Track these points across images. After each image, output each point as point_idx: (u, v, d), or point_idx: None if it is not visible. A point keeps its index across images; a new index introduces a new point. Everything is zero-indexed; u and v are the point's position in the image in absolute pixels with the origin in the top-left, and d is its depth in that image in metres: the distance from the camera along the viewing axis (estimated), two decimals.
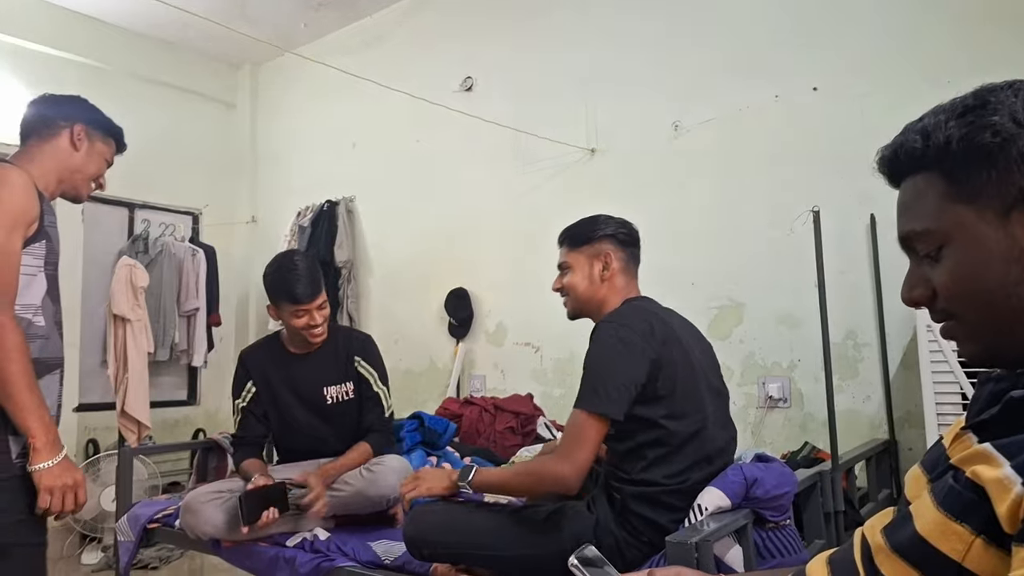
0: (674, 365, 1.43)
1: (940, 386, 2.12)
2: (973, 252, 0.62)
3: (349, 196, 4.22)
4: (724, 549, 1.31)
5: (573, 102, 3.37)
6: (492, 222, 3.64)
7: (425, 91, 3.47)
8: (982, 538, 0.54)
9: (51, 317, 1.43)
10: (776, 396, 2.71)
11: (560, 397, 3.32)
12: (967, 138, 0.60)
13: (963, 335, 0.67)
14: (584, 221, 1.64)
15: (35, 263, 1.40)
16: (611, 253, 1.58)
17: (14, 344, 1.26)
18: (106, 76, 4.16)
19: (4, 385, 1.25)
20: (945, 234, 0.63)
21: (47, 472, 1.28)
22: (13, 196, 1.34)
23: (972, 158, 0.60)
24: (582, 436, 1.38)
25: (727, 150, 2.91)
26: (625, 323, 1.45)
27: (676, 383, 1.42)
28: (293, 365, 2.20)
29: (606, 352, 1.42)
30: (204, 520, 1.96)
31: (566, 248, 1.65)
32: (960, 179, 0.61)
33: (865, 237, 2.59)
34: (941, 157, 0.62)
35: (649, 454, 1.41)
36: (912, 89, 2.49)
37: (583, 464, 1.38)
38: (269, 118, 4.85)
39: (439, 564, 1.60)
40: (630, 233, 1.63)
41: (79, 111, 1.60)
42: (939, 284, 0.66)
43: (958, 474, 0.59)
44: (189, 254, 4.18)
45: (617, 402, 1.37)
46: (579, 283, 1.60)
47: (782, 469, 1.45)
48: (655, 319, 1.48)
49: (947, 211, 0.63)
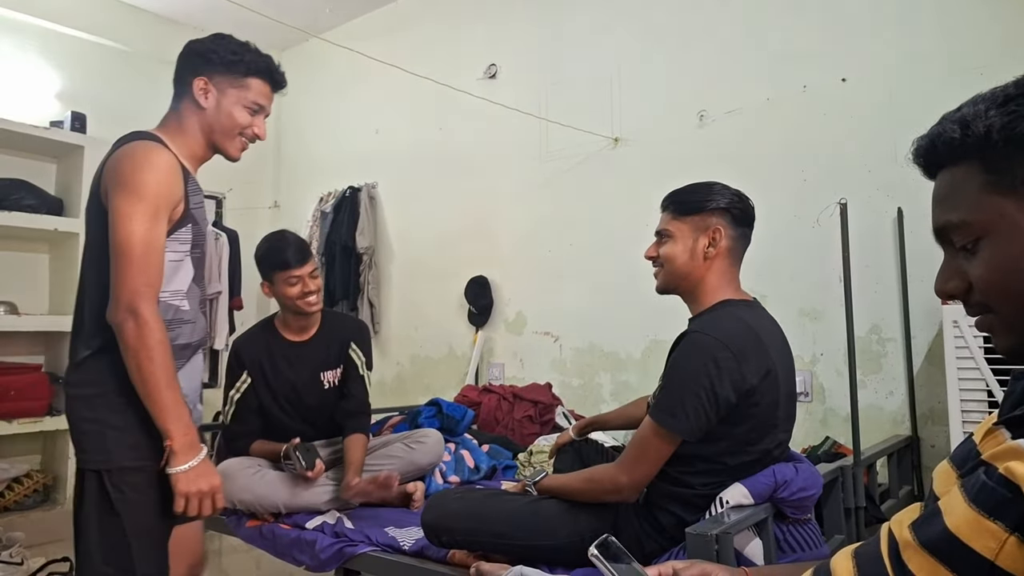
0: (761, 395, 1.33)
1: (965, 383, 2.09)
2: (1013, 244, 0.61)
3: (371, 183, 4.23)
4: (744, 542, 1.30)
5: (597, 91, 3.34)
6: (514, 211, 3.64)
7: (449, 78, 3.46)
8: (1016, 536, 0.53)
9: (196, 300, 1.40)
10: (798, 390, 2.66)
11: (579, 387, 3.32)
12: (1008, 127, 0.59)
13: (1000, 328, 0.65)
14: (696, 187, 1.48)
15: (181, 248, 1.35)
16: (721, 229, 1.42)
17: (156, 341, 1.22)
18: (131, 59, 4.20)
19: (143, 384, 1.23)
20: (983, 226, 0.62)
21: (183, 476, 1.24)
22: (156, 179, 1.26)
23: (1013, 148, 0.59)
24: (648, 450, 1.33)
25: (753, 141, 2.87)
26: (726, 343, 1.30)
27: (756, 415, 1.34)
28: (291, 352, 2.22)
29: (698, 368, 1.29)
30: (241, 487, 2.02)
31: (670, 214, 1.48)
32: (1001, 169, 0.60)
33: (892, 231, 2.54)
34: (981, 147, 0.61)
35: (699, 465, 1.36)
36: (942, 81, 2.43)
37: (642, 478, 1.35)
38: (293, 103, 4.87)
39: (456, 550, 1.62)
40: (745, 210, 1.46)
41: (201, 59, 1.39)
42: (976, 277, 0.64)
43: (990, 470, 0.58)
44: (212, 238, 4.22)
45: (695, 424, 1.29)
46: (678, 255, 1.44)
47: (811, 471, 1.41)
48: (757, 342, 1.35)
49: (986, 202, 0.61)
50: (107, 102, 4.00)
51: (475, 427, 2.89)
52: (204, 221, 1.41)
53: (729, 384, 1.29)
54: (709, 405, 1.29)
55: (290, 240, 2.16)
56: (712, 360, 1.29)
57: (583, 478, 1.46)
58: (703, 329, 1.35)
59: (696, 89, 3.04)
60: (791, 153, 2.78)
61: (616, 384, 3.21)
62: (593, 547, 0.82)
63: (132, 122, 4.19)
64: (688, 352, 1.33)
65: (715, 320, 1.38)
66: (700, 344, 1.32)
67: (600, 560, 0.81)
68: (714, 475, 1.36)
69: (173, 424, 1.23)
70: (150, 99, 1.75)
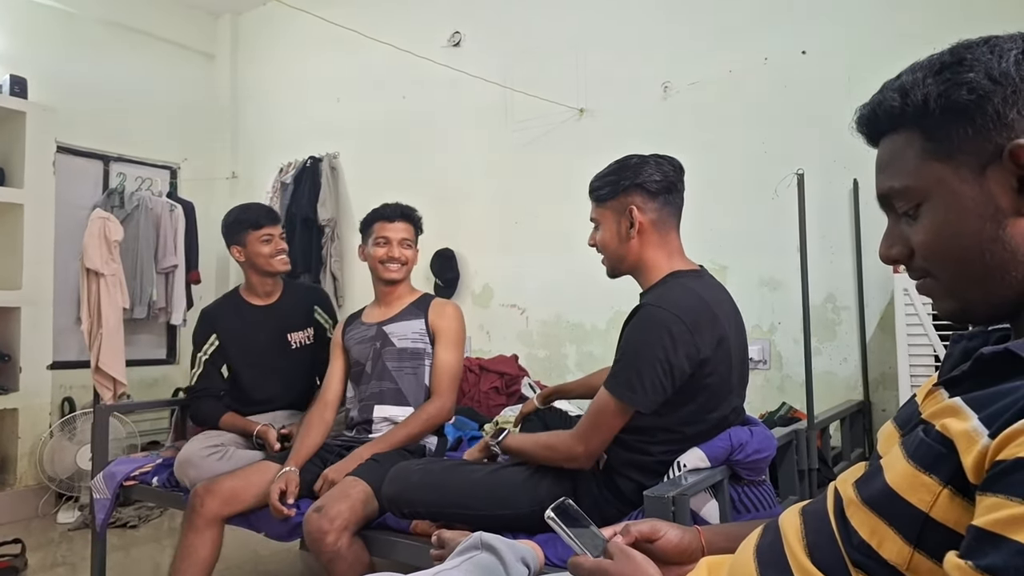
0: (715, 364, 1.35)
1: (914, 348, 2.16)
2: (950, 209, 0.62)
3: (333, 152, 4.14)
4: (700, 503, 1.34)
5: (563, 61, 3.31)
6: (479, 182, 3.61)
7: (412, 45, 3.38)
8: (949, 489, 0.55)
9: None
10: (756, 358, 2.74)
11: (545, 359, 3.34)
12: (944, 95, 0.61)
13: (939, 292, 0.67)
14: (610, 171, 1.48)
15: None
16: (635, 208, 1.42)
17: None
18: (76, 22, 4.00)
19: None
20: (923, 191, 0.64)
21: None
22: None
23: (949, 116, 0.60)
24: (603, 421, 1.35)
25: (715, 112, 2.89)
26: (679, 315, 1.31)
27: (711, 384, 1.36)
28: (258, 314, 2.30)
29: (652, 341, 1.30)
30: (208, 473, 2.00)
31: (593, 202, 1.51)
32: (938, 137, 0.62)
33: (847, 202, 2.60)
34: (919, 115, 0.63)
35: (660, 436, 1.39)
36: (897, 54, 2.46)
37: (597, 448, 1.38)
38: (250, 70, 4.72)
39: (419, 520, 1.62)
40: (663, 177, 1.44)
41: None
42: (917, 242, 0.66)
43: (928, 428, 0.60)
44: (167, 210, 4.10)
45: (650, 396, 1.31)
46: (609, 241, 1.47)
47: (766, 434, 1.45)
48: (706, 308, 1.36)
49: (925, 169, 0.63)
50: (49, 66, 3.82)
51: None
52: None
53: (684, 355, 1.31)
54: (665, 377, 1.30)
55: (258, 204, 2.39)
56: (667, 332, 1.30)
57: (542, 444, 1.48)
58: (655, 302, 1.36)
59: (660, 61, 3.03)
60: (752, 125, 2.80)
61: (581, 355, 3.24)
62: (550, 510, 0.83)
63: (75, 87, 4.06)
64: (642, 325, 1.34)
65: (666, 292, 1.39)
66: (654, 317, 1.33)
67: (556, 523, 0.82)
68: (674, 443, 1.39)
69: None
70: (94, 63, 1.68)
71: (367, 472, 1.74)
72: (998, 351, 0.58)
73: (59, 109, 3.68)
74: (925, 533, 0.56)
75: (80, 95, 3.93)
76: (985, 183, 0.60)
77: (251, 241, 2.25)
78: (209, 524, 1.80)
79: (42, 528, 3.29)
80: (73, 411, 3.70)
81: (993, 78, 0.58)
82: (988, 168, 0.60)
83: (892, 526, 0.59)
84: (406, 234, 2.09)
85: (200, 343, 2.28)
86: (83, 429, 3.38)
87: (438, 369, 1.99)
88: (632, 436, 1.39)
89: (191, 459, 2.02)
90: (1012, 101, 0.58)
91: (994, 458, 0.51)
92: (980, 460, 0.52)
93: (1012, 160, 0.58)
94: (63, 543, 3.10)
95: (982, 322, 0.67)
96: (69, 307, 3.88)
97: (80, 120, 3.92)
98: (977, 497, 0.52)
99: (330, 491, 1.68)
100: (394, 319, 2.06)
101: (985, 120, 0.59)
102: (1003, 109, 0.58)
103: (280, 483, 1.76)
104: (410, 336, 2.03)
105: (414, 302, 2.11)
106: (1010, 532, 0.47)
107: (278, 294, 2.36)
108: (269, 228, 2.26)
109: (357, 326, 2.11)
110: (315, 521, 1.58)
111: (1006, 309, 0.63)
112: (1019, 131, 0.58)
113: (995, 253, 0.60)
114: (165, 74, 4.46)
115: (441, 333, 2.02)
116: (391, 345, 2.03)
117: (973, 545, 0.50)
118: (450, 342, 2.01)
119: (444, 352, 2.00)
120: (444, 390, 1.97)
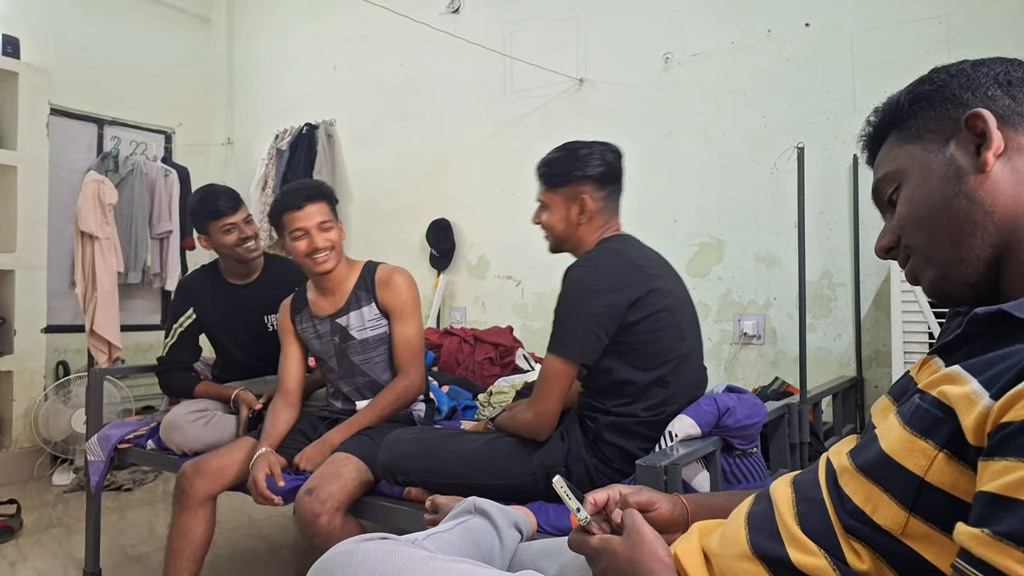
0: (649, 307, 1.41)
1: (909, 325, 2.17)
2: (920, 176, 0.70)
3: (329, 120, 4.09)
4: (692, 474, 1.35)
5: (563, 30, 3.26)
6: (477, 152, 3.57)
7: (411, 11, 3.32)
8: (945, 452, 0.56)
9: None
10: (751, 333, 2.75)
11: (540, 330, 3.34)
12: (912, 91, 0.72)
13: (920, 265, 0.71)
14: (560, 159, 1.54)
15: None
16: (588, 197, 1.50)
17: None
18: None
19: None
20: (901, 172, 0.72)
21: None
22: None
23: (916, 106, 0.71)
24: (550, 384, 1.41)
25: (717, 84, 2.86)
26: (597, 266, 1.43)
27: (653, 325, 1.41)
28: (235, 294, 2.23)
29: (576, 296, 1.41)
30: (194, 438, 2.01)
31: (542, 186, 1.57)
32: (908, 125, 0.72)
33: (847, 178, 2.58)
34: (894, 116, 0.73)
35: (628, 390, 1.42)
36: (901, 28, 2.43)
37: (548, 413, 1.43)
38: (246, 35, 4.64)
39: (412, 487, 1.64)
40: (609, 167, 1.53)
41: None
42: (897, 218, 0.72)
43: (925, 395, 0.60)
44: (161, 175, 4.06)
45: (587, 347, 1.38)
46: (556, 224, 1.56)
47: (753, 400, 1.47)
48: (629, 262, 1.45)
49: (901, 153, 0.72)
50: (43, 26, 3.74)
51: (435, 369, 2.90)
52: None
53: (607, 303, 1.38)
54: (595, 327, 1.38)
55: (220, 190, 2.18)
56: (589, 283, 1.41)
57: (509, 416, 1.56)
58: (578, 263, 1.47)
59: (662, 32, 2.99)
60: (753, 98, 2.77)
61: None
62: (558, 476, 0.83)
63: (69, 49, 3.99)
64: (565, 287, 1.44)
65: (590, 255, 1.50)
66: (576, 275, 1.44)
67: (564, 486, 0.81)
68: (646, 398, 1.42)
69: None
70: (88, 24, 1.63)
71: (358, 447, 1.71)
72: (992, 311, 0.60)
73: (53, 71, 3.61)
74: (921, 497, 0.57)
75: (74, 57, 3.86)
76: (948, 151, 0.68)
77: (213, 231, 2.13)
78: (201, 504, 1.79)
79: (38, 490, 3.31)
80: (68, 375, 3.71)
81: (951, 74, 0.70)
82: (951, 140, 0.68)
83: (887, 492, 0.59)
84: (321, 216, 1.85)
85: (176, 315, 2.22)
86: (77, 393, 3.38)
87: (398, 346, 1.90)
88: (609, 401, 1.43)
89: (176, 423, 2.02)
90: (967, 86, 0.68)
91: (997, 420, 0.51)
92: (981, 421, 0.53)
93: (967, 128, 0.66)
94: (58, 504, 3.12)
95: (963, 291, 0.68)
96: (63, 271, 3.86)
97: (74, 82, 3.86)
98: (981, 463, 0.52)
99: (320, 471, 1.64)
100: (345, 309, 1.93)
101: (944, 102, 0.69)
102: (959, 92, 0.68)
103: (263, 468, 1.72)
104: (368, 325, 1.92)
105: (358, 283, 1.94)
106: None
107: (257, 273, 2.26)
108: (230, 217, 2.11)
109: (307, 317, 1.98)
110: (307, 504, 1.55)
111: (983, 273, 0.65)
112: (973, 106, 0.67)
113: (961, 206, 0.66)
114: (160, 38, 4.38)
115: (394, 309, 1.91)
116: (352, 339, 1.93)
117: (986, 512, 0.50)
118: (405, 315, 1.91)
119: (401, 327, 1.90)
120: (408, 365, 1.89)
